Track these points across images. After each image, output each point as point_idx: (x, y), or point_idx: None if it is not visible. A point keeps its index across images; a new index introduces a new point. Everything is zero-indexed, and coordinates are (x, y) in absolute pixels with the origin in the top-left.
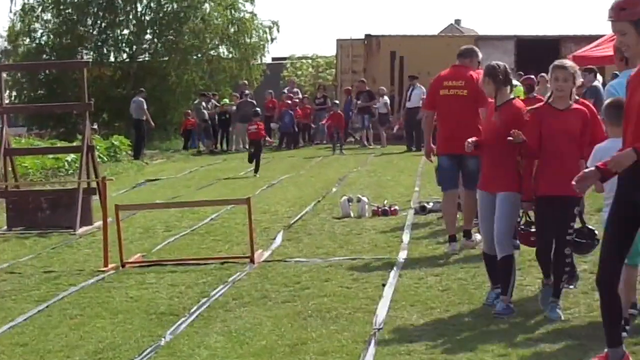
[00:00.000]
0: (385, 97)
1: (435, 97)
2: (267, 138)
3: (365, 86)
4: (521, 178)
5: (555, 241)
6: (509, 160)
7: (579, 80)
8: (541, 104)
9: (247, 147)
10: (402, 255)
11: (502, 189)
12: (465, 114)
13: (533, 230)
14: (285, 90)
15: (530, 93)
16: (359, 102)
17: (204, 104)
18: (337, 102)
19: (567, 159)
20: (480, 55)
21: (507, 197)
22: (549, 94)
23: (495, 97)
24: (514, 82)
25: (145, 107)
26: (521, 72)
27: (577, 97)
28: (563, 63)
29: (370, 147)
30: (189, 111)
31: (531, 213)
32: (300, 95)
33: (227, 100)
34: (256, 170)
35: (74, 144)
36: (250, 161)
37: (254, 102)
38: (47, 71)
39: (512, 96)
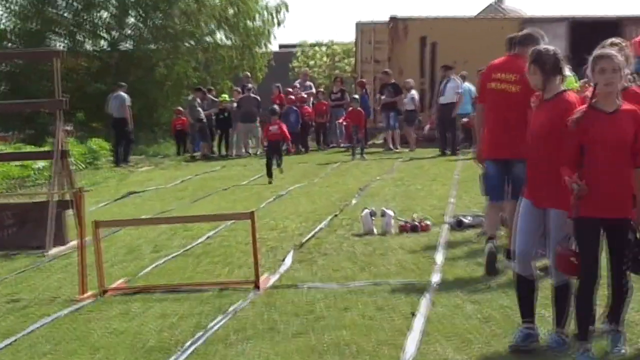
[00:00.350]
0: (414, 92)
1: (484, 89)
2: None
3: (391, 78)
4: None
5: (611, 273)
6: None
7: (628, 70)
8: (583, 107)
9: (265, 150)
10: (435, 279)
11: (557, 204)
12: (514, 113)
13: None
14: (297, 84)
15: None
16: (383, 97)
17: (198, 100)
18: (356, 96)
19: (619, 172)
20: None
21: (564, 215)
22: (591, 92)
23: (542, 89)
24: (567, 71)
25: (129, 104)
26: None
27: (626, 85)
28: (607, 52)
29: (397, 150)
30: (180, 109)
31: None
32: (313, 90)
33: (226, 96)
34: (279, 164)
35: (45, 148)
36: (268, 172)
37: (258, 97)
38: (11, 62)
39: (563, 88)
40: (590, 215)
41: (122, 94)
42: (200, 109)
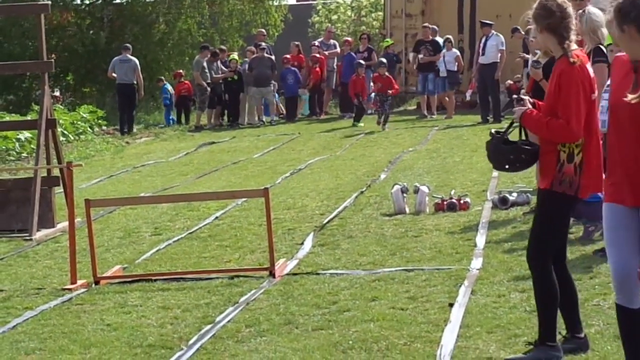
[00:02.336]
0: (455, 50)
1: None
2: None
3: (430, 33)
4: None
5: None
6: None
7: None
8: None
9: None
10: (476, 264)
11: None
12: None
13: None
14: (317, 43)
15: None
16: (420, 56)
17: (205, 62)
18: (384, 60)
19: None
20: None
21: None
22: None
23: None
24: None
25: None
26: None
27: None
28: None
29: (433, 117)
30: (181, 72)
31: None
32: (337, 49)
33: (236, 57)
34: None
35: (28, 117)
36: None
37: (273, 58)
38: None
39: None
40: None
41: (132, 57)
42: (210, 72)
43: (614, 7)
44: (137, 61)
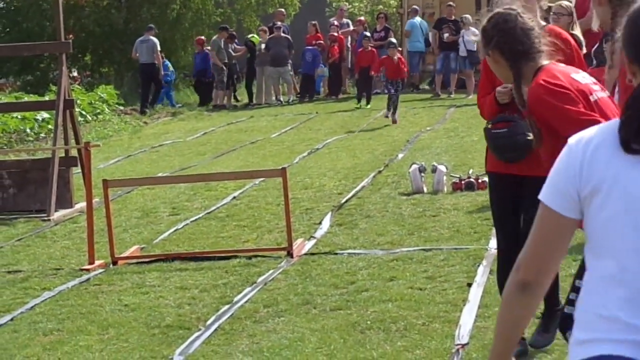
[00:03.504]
0: (474, 29)
1: None
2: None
3: (453, 12)
4: None
5: None
6: None
7: None
8: None
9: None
10: (494, 243)
11: None
12: None
13: None
14: (334, 21)
15: None
16: (446, 35)
17: (222, 42)
18: (393, 40)
19: None
20: None
21: None
22: None
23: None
24: None
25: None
26: None
27: None
28: None
29: (451, 96)
30: (202, 38)
31: None
32: (351, 28)
33: (256, 36)
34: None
35: (46, 98)
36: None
37: (289, 37)
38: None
39: None
40: None
41: (152, 37)
42: (229, 51)
43: (480, 30)
44: (156, 41)
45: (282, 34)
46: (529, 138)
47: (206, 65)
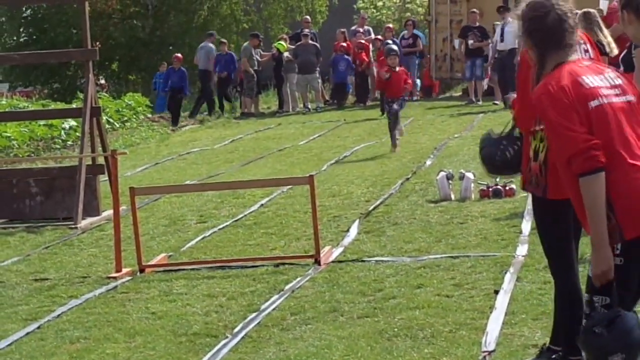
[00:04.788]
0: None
1: None
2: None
3: (477, 18)
4: None
5: None
6: None
7: None
8: None
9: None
10: (522, 251)
11: None
12: None
13: None
14: (361, 30)
15: None
16: (470, 42)
17: (252, 50)
18: (393, 47)
19: None
20: None
21: None
22: None
23: None
24: None
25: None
26: None
27: None
28: None
29: (479, 103)
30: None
31: None
32: (372, 36)
33: (283, 44)
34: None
35: (74, 105)
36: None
37: (318, 45)
38: (34, 7)
39: None
40: None
41: (209, 44)
42: (257, 57)
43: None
44: (211, 47)
45: (310, 41)
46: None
47: (183, 82)
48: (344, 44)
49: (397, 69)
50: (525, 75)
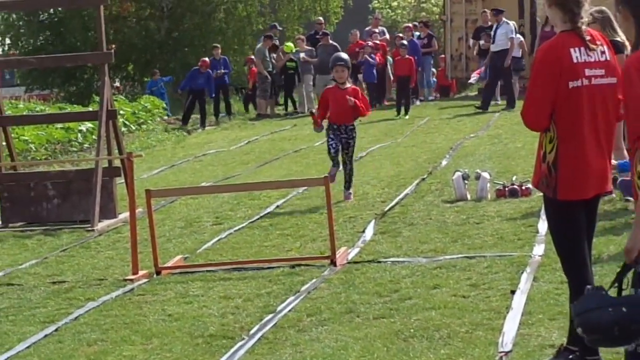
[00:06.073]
0: (518, 35)
1: None
2: None
3: (488, 19)
4: None
5: None
6: None
7: None
8: None
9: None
10: (538, 251)
11: None
12: None
13: None
14: (376, 30)
15: None
16: (481, 42)
17: (267, 51)
18: (404, 42)
19: None
20: None
21: None
22: None
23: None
24: None
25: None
26: None
27: None
28: None
29: (498, 102)
30: (252, 57)
31: None
32: (386, 36)
33: (291, 45)
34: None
35: (90, 108)
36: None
37: (337, 45)
38: (50, 10)
39: None
40: None
41: (260, 47)
42: (271, 60)
43: None
44: (259, 47)
45: (331, 42)
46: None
47: (209, 85)
48: (359, 44)
49: (347, 85)
50: (540, 74)
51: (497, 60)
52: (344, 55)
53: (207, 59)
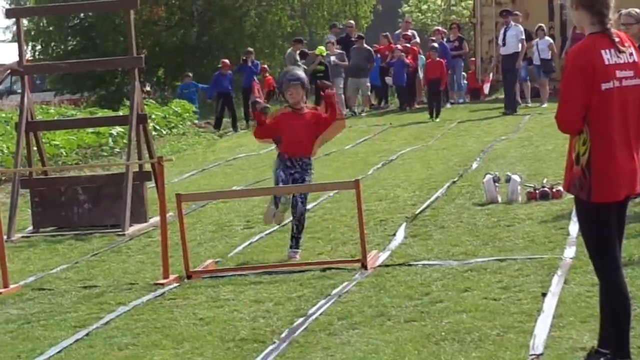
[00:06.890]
0: (548, 38)
1: None
2: None
3: (520, 20)
4: None
5: None
6: None
7: None
8: None
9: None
10: (569, 253)
11: None
12: None
13: None
14: (409, 33)
15: None
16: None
17: (298, 56)
18: (435, 45)
19: None
20: None
21: None
22: None
23: None
24: None
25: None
26: None
27: None
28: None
29: (529, 105)
30: (267, 66)
31: None
32: (417, 39)
33: (323, 49)
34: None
35: (120, 113)
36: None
37: (371, 49)
38: (81, 15)
39: None
40: None
41: (290, 50)
42: (302, 65)
43: None
44: (289, 52)
45: (365, 46)
46: None
47: (232, 85)
48: (389, 47)
49: (305, 110)
50: (573, 76)
51: (508, 63)
52: (300, 72)
53: (226, 60)
